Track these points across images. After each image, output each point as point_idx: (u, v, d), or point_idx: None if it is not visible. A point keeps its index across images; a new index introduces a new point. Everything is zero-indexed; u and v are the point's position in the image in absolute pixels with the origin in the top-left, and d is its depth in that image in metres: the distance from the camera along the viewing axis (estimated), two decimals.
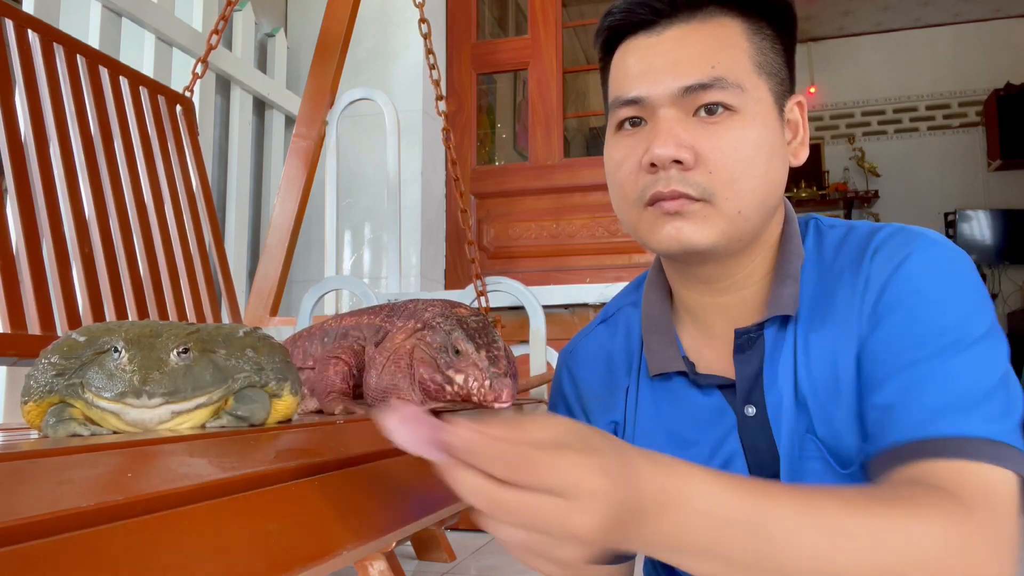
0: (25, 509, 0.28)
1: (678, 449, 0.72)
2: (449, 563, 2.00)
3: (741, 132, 0.64)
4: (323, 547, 0.41)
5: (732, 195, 0.64)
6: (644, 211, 0.67)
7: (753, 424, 0.69)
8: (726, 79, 0.64)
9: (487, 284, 1.55)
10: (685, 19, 0.66)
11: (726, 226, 0.65)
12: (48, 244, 1.20)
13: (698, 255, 0.67)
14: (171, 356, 0.46)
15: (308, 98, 2.06)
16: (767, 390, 0.68)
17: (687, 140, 0.63)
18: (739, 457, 0.69)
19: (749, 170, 0.64)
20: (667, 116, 0.65)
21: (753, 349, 0.69)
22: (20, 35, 1.24)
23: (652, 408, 0.74)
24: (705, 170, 0.63)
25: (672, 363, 0.72)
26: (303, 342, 0.84)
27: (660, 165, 0.64)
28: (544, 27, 2.70)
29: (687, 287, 0.73)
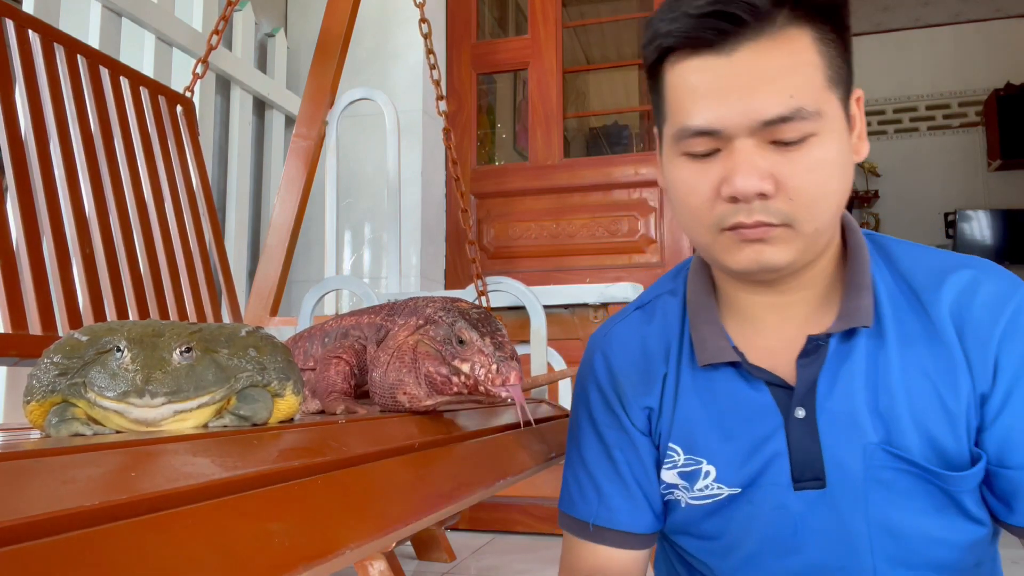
0: (28, 508, 0.28)
1: (718, 441, 0.73)
2: (449, 563, 2.00)
3: (819, 154, 0.62)
4: (324, 546, 0.41)
5: (812, 217, 0.64)
6: (720, 235, 0.66)
7: (800, 427, 0.69)
8: (805, 108, 0.61)
9: (488, 284, 1.55)
10: (754, 36, 0.61)
11: (804, 244, 0.65)
12: (49, 244, 1.20)
13: (774, 272, 0.67)
14: (174, 355, 0.46)
15: (308, 98, 2.06)
16: (822, 396, 0.69)
17: (767, 170, 0.62)
18: (783, 457, 0.70)
19: (827, 189, 0.63)
20: (746, 147, 0.62)
21: (816, 354, 0.70)
22: (20, 35, 1.24)
23: (694, 397, 0.74)
24: (785, 197, 0.62)
25: (723, 353, 0.72)
26: (303, 343, 0.84)
27: (743, 199, 0.63)
28: (544, 27, 2.70)
29: (738, 287, 0.73)
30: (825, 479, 0.69)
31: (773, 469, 0.70)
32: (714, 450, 0.73)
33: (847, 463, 0.68)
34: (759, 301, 0.73)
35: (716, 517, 0.74)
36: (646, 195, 2.59)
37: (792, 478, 0.70)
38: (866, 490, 0.68)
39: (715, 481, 0.73)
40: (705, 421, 0.74)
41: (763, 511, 0.71)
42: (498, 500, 2.42)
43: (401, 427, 0.62)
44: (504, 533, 2.42)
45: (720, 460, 0.73)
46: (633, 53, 4.12)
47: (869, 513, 0.68)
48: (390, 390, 0.66)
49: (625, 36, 4.16)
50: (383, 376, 0.66)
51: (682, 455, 0.75)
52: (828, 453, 0.69)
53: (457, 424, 0.72)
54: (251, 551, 0.36)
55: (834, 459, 0.68)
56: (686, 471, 0.75)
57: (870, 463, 0.67)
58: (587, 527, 0.79)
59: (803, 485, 0.70)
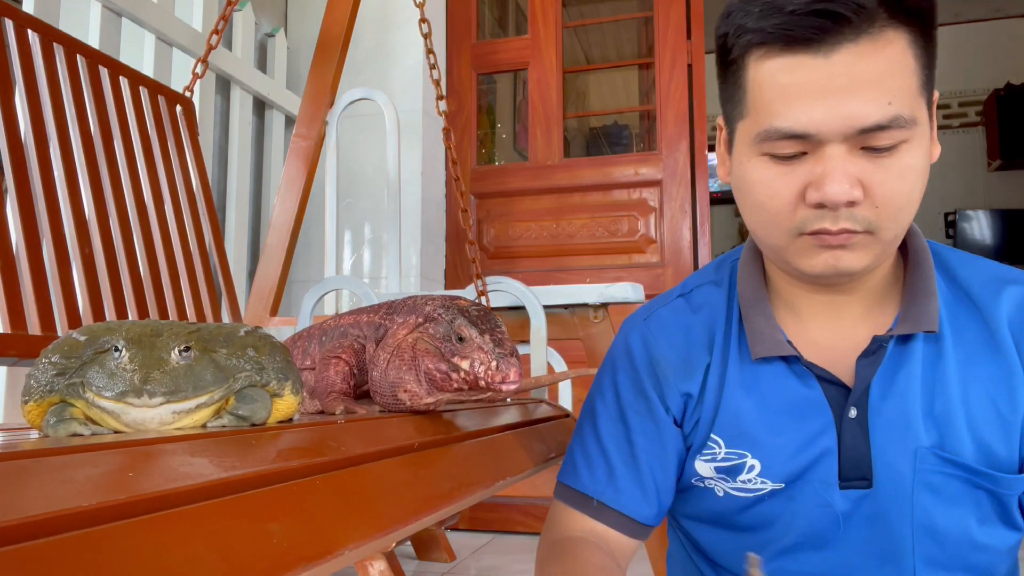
0: (26, 508, 0.28)
1: (766, 435, 0.73)
2: (449, 563, 2.00)
3: (909, 161, 0.61)
4: (324, 547, 0.41)
5: (895, 225, 0.63)
6: (798, 239, 0.65)
7: (852, 426, 0.70)
8: (902, 116, 0.59)
9: (488, 284, 1.55)
10: (853, 37, 0.59)
11: (881, 250, 0.65)
12: (48, 244, 1.20)
13: (848, 277, 0.67)
14: (172, 355, 0.46)
15: (308, 98, 2.06)
16: (875, 397, 0.69)
17: (856, 176, 0.61)
18: (832, 455, 0.70)
19: (912, 197, 0.63)
20: (839, 154, 0.60)
21: (876, 355, 0.70)
22: (20, 35, 1.24)
23: (742, 391, 0.74)
24: (871, 204, 0.61)
25: (780, 348, 0.72)
26: (302, 342, 0.84)
27: (832, 207, 0.61)
28: (544, 27, 2.70)
29: (794, 284, 0.73)
30: (872, 479, 0.69)
31: (821, 466, 0.71)
32: (761, 444, 0.73)
33: (896, 465, 0.69)
34: (816, 300, 0.73)
35: (754, 510, 0.74)
36: (646, 195, 2.59)
37: (839, 476, 0.70)
38: (913, 493, 0.68)
39: (759, 476, 0.73)
40: (754, 415, 0.73)
41: (806, 507, 0.71)
42: (498, 500, 2.42)
43: (400, 427, 0.62)
44: (504, 533, 2.42)
45: (766, 455, 0.73)
46: (633, 53, 4.12)
47: (915, 516, 0.69)
48: (390, 388, 0.66)
49: (625, 36, 4.16)
50: (383, 375, 0.66)
51: (723, 448, 0.75)
52: (877, 454, 0.69)
53: (457, 424, 0.72)
54: (250, 551, 0.36)
55: (883, 460, 0.69)
56: (726, 465, 0.75)
57: (920, 467, 0.68)
58: (591, 502, 0.78)
59: (849, 484, 0.70)
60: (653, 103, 2.65)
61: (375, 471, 0.52)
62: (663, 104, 2.58)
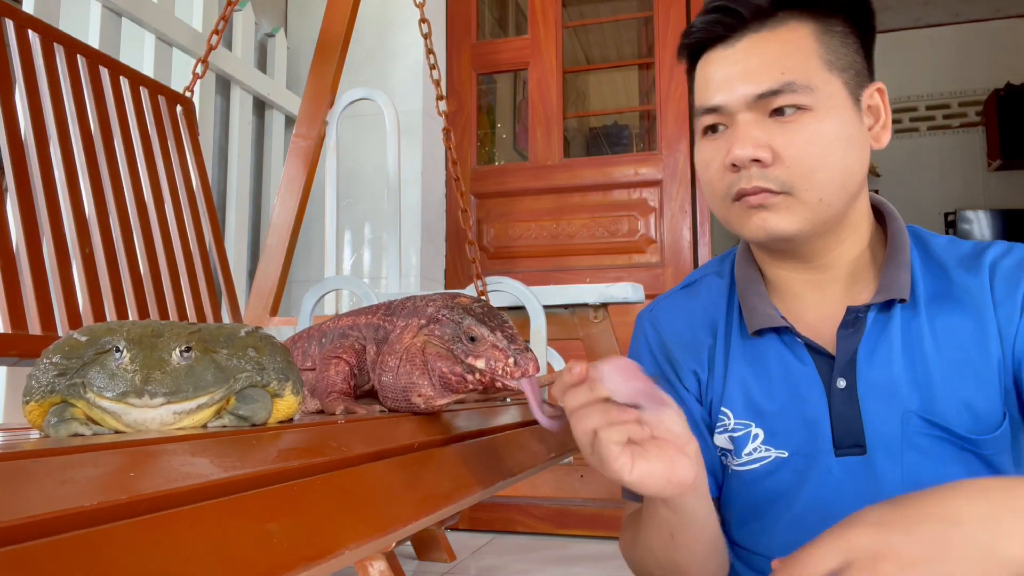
0: (26, 508, 0.28)
1: (768, 402, 0.77)
2: (449, 563, 2.00)
3: (816, 127, 0.69)
4: (323, 547, 0.41)
5: (812, 186, 0.70)
6: (733, 206, 0.74)
7: (841, 396, 0.74)
8: (796, 82, 0.69)
9: (488, 284, 1.55)
10: (756, 29, 0.72)
11: (809, 213, 0.71)
12: (48, 244, 1.20)
13: (785, 241, 0.74)
14: (173, 356, 0.46)
15: (308, 98, 2.06)
16: (862, 366, 0.74)
17: (764, 140, 0.70)
18: (825, 424, 0.75)
19: (826, 161, 0.70)
20: (745, 120, 0.71)
21: (856, 327, 0.75)
22: (20, 35, 1.24)
23: (744, 364, 0.80)
24: (783, 166, 0.70)
25: (772, 320, 0.77)
26: (302, 344, 0.84)
27: (741, 165, 0.71)
28: (544, 27, 2.70)
29: (777, 266, 0.80)
30: (866, 446, 0.73)
31: (817, 435, 0.75)
32: (763, 413, 0.78)
33: (886, 430, 0.72)
34: (797, 278, 0.79)
35: (764, 484, 0.78)
36: (646, 195, 2.59)
37: (834, 444, 0.74)
38: (903, 456, 0.72)
39: (764, 443, 0.78)
40: (755, 386, 0.79)
41: (807, 477, 0.75)
42: (498, 500, 2.42)
43: (401, 427, 0.62)
44: (504, 533, 2.42)
45: (767, 423, 0.77)
46: (633, 53, 4.12)
47: (905, 478, 0.72)
48: (403, 393, 0.65)
49: (625, 36, 4.16)
50: (394, 380, 0.66)
51: (732, 419, 0.80)
52: (868, 420, 0.73)
53: (457, 424, 0.72)
54: (250, 551, 0.36)
55: (873, 427, 0.73)
56: (735, 435, 0.79)
57: (907, 430, 0.72)
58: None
59: (845, 451, 0.74)
60: (653, 103, 2.65)
61: (375, 471, 0.52)
62: (663, 104, 2.58)
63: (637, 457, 0.57)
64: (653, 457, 0.58)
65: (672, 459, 0.59)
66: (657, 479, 0.58)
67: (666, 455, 0.58)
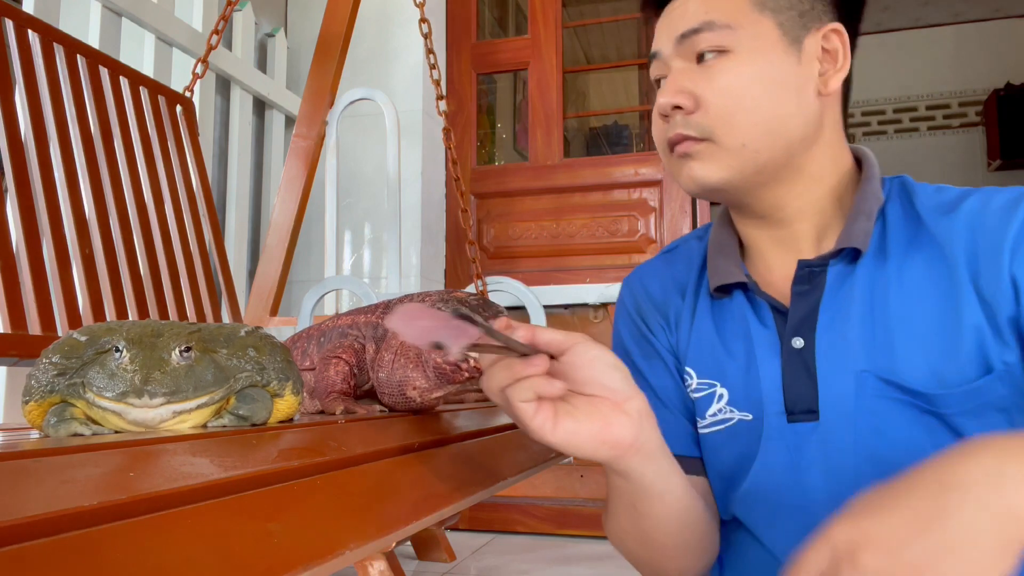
0: (26, 508, 0.28)
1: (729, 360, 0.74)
2: (449, 563, 2.00)
3: (735, 69, 0.67)
4: (324, 547, 0.41)
5: (730, 130, 0.67)
6: (670, 158, 0.72)
7: (797, 357, 0.69)
8: (715, 22, 0.67)
9: (488, 284, 1.55)
10: None
11: (733, 160, 0.68)
12: (48, 244, 1.20)
13: (720, 192, 0.71)
14: (173, 356, 0.46)
15: (308, 98, 2.06)
16: (821, 325, 0.69)
17: (687, 86, 0.68)
18: (778, 387, 0.70)
19: (745, 104, 0.67)
20: (675, 67, 0.70)
21: (813, 283, 0.70)
22: (20, 35, 1.24)
23: (708, 321, 0.77)
24: (703, 111, 0.67)
25: (733, 275, 0.74)
26: (301, 344, 0.84)
27: (663, 112, 0.70)
28: (544, 27, 2.70)
29: (745, 223, 0.76)
30: (819, 412, 0.68)
31: (770, 399, 0.70)
32: (725, 372, 0.74)
33: (840, 394, 0.67)
34: (763, 235, 0.75)
35: (729, 449, 0.73)
36: (646, 195, 2.59)
37: (786, 409, 0.69)
38: (856, 421, 0.66)
39: (728, 404, 0.74)
40: (717, 344, 0.75)
41: (762, 442, 0.70)
42: (498, 500, 2.42)
43: (401, 427, 0.62)
44: (504, 533, 2.42)
45: (730, 382, 0.73)
46: (633, 53, 4.12)
47: (858, 445, 0.66)
48: (398, 387, 0.66)
49: (625, 36, 4.16)
50: (390, 374, 0.66)
51: (695, 379, 0.76)
52: (823, 385, 0.68)
53: (457, 424, 0.72)
54: (250, 552, 0.36)
55: (828, 391, 0.67)
56: (698, 395, 0.76)
57: (861, 391, 0.66)
58: None
59: (797, 417, 0.69)
60: (653, 103, 2.65)
61: (375, 471, 0.52)
62: None
63: (563, 415, 0.53)
64: (582, 415, 0.53)
65: (606, 417, 0.54)
66: (586, 439, 0.54)
67: (599, 412, 0.54)
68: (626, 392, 0.55)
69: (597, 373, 0.54)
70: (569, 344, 0.54)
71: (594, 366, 0.54)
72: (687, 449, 0.77)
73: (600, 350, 0.55)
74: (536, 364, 0.51)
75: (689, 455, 0.77)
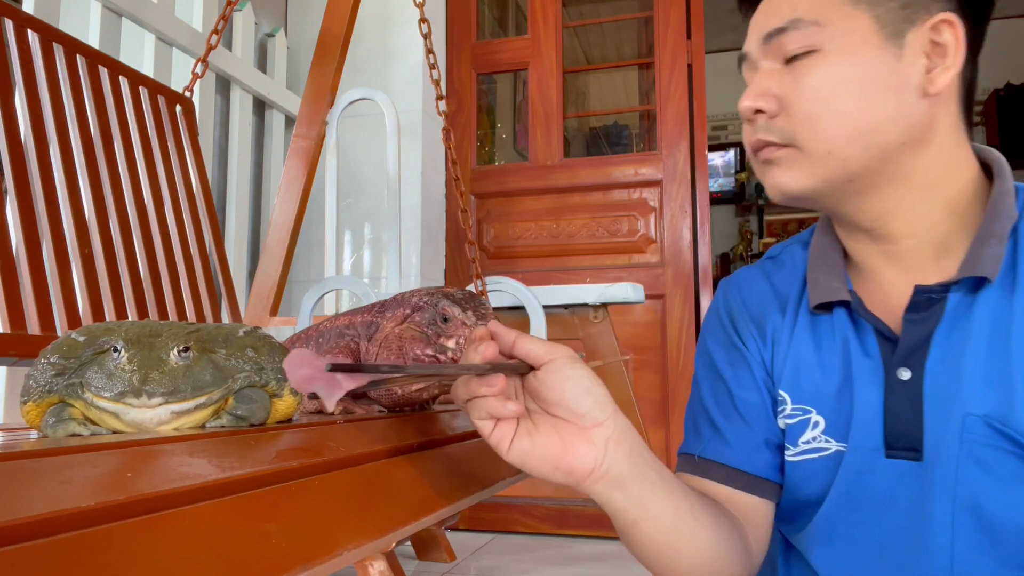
0: (25, 509, 0.28)
1: (828, 386, 0.68)
2: (449, 563, 2.00)
3: (823, 70, 0.62)
4: (323, 547, 0.41)
5: (814, 135, 0.62)
6: (756, 163, 0.68)
7: (902, 389, 0.64)
8: (802, 19, 0.62)
9: (487, 284, 1.55)
10: None
11: (818, 168, 0.63)
12: (48, 244, 1.20)
13: (807, 200, 0.66)
14: (171, 356, 0.46)
15: (308, 98, 2.06)
16: (933, 359, 0.62)
17: (772, 89, 0.64)
18: (878, 418, 0.65)
19: (832, 107, 0.62)
20: (762, 68, 0.66)
21: (930, 311, 0.63)
22: (20, 35, 1.24)
23: (808, 342, 0.71)
24: (787, 115, 0.63)
25: (833, 292, 0.68)
26: (300, 344, 0.84)
27: (745, 117, 0.66)
28: (544, 27, 2.70)
29: (850, 236, 0.71)
30: (922, 451, 0.62)
31: (867, 430, 0.65)
32: (822, 398, 0.68)
33: (944, 435, 0.61)
34: (870, 251, 0.69)
35: (818, 478, 0.68)
36: (646, 195, 2.59)
37: (885, 443, 0.64)
38: (958, 466, 0.60)
39: (824, 433, 0.68)
40: (815, 366, 0.69)
41: (854, 475, 0.66)
42: (498, 500, 2.42)
43: (400, 427, 0.62)
44: (504, 533, 2.42)
45: (828, 410, 0.68)
46: (633, 53, 4.12)
47: (957, 493, 0.60)
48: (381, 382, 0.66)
49: (625, 36, 4.16)
50: None
51: (790, 404, 0.71)
52: (930, 423, 0.62)
53: (456, 424, 0.72)
54: (249, 552, 0.36)
55: (932, 431, 0.62)
56: (791, 422, 0.70)
57: (967, 436, 0.60)
58: (692, 459, 0.74)
59: (896, 454, 0.64)
60: (653, 103, 2.65)
61: (375, 471, 0.52)
62: (663, 104, 2.58)
63: (523, 434, 0.52)
64: (541, 437, 0.52)
65: (567, 442, 0.52)
66: (540, 462, 0.52)
67: (559, 437, 0.52)
68: (595, 418, 0.53)
69: (567, 395, 0.52)
70: (546, 360, 0.52)
71: (564, 388, 0.52)
72: (756, 468, 0.72)
73: (575, 370, 0.53)
74: (491, 384, 0.50)
75: (757, 474, 0.72)
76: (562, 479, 0.54)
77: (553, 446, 0.52)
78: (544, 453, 0.52)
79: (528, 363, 0.53)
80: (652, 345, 2.50)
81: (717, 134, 6.20)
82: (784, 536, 0.77)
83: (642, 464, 0.57)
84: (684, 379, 2.45)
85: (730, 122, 6.20)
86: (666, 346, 2.48)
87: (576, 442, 0.53)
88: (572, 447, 0.52)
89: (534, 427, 0.53)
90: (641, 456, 0.57)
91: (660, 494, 0.59)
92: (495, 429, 0.52)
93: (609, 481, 0.55)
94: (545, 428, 0.53)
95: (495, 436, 0.52)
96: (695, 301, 2.50)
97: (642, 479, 0.57)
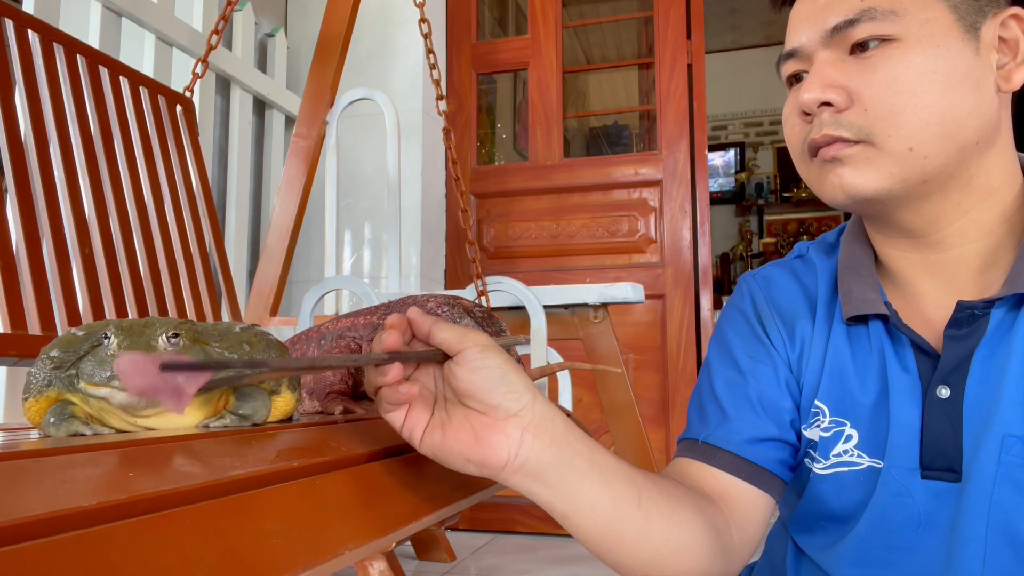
0: (26, 508, 0.28)
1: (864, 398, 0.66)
2: (449, 563, 2.00)
3: (903, 60, 0.57)
4: (323, 547, 0.41)
5: (895, 130, 0.57)
6: (810, 164, 0.63)
7: (941, 408, 0.61)
8: (876, 8, 0.58)
9: (487, 284, 1.55)
10: None
11: (896, 167, 0.58)
12: (48, 244, 1.20)
13: (874, 204, 0.61)
14: (160, 341, 0.46)
15: (308, 98, 2.06)
16: (973, 377, 0.60)
17: (839, 80, 0.59)
18: (915, 437, 0.62)
19: (916, 100, 0.57)
20: (821, 59, 0.60)
21: (973, 327, 0.60)
22: (20, 35, 1.24)
23: (843, 354, 0.67)
24: (860, 108, 0.58)
25: (867, 306, 0.65)
26: (301, 345, 0.84)
27: (808, 110, 0.61)
28: (544, 27, 2.70)
29: (888, 243, 0.66)
30: (961, 473, 0.59)
31: (903, 449, 0.62)
32: (857, 411, 0.66)
33: (981, 457, 0.58)
34: (911, 259, 0.65)
35: (848, 494, 0.66)
36: (646, 195, 2.59)
37: (920, 463, 0.61)
38: (994, 488, 0.57)
39: (856, 447, 0.65)
40: (853, 377, 0.66)
41: (887, 495, 0.63)
42: (498, 500, 2.42)
43: None
44: (504, 533, 2.42)
45: (863, 424, 0.65)
46: (633, 53, 4.12)
47: (992, 515, 0.58)
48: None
49: (625, 36, 4.16)
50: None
51: (828, 416, 0.67)
52: (969, 444, 0.59)
53: None
54: (250, 552, 0.36)
55: (971, 452, 0.59)
56: (826, 435, 0.67)
57: (1005, 457, 0.57)
58: (695, 444, 0.71)
59: (933, 475, 0.61)
60: (653, 103, 2.65)
61: (375, 471, 0.52)
62: (663, 104, 2.58)
63: (434, 426, 0.51)
64: (453, 428, 0.51)
65: (478, 434, 0.50)
66: (450, 454, 0.51)
67: (470, 428, 0.51)
68: (508, 409, 0.51)
69: (477, 387, 0.50)
70: (458, 348, 0.51)
71: (474, 379, 0.50)
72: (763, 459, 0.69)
73: (485, 360, 0.51)
74: (386, 373, 0.49)
75: (762, 465, 0.69)
76: (476, 471, 0.52)
77: (464, 438, 0.51)
78: (454, 445, 0.51)
79: (443, 352, 0.51)
80: (652, 345, 2.50)
81: (717, 134, 6.21)
82: (796, 543, 0.74)
83: (568, 454, 0.54)
84: (684, 379, 2.45)
85: (730, 122, 6.21)
86: (666, 346, 2.48)
87: (488, 433, 0.51)
88: (484, 439, 0.51)
89: (447, 418, 0.51)
90: (568, 445, 0.54)
91: (592, 485, 0.56)
92: (405, 421, 0.51)
93: (527, 473, 0.53)
94: (457, 419, 0.51)
95: (406, 428, 0.51)
96: (695, 301, 2.50)
97: (567, 470, 0.54)
